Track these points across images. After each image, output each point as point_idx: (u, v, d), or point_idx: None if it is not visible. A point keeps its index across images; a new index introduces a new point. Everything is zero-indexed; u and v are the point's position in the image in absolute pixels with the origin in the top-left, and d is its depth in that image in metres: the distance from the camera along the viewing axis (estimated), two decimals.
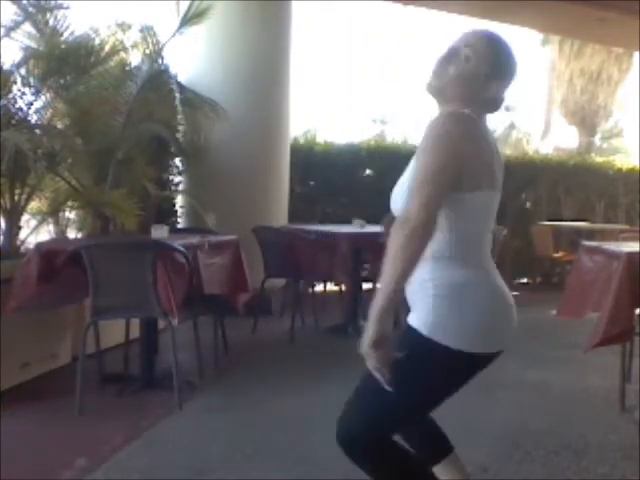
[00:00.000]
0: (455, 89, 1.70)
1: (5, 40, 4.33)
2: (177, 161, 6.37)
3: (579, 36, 12.79)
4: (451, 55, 1.70)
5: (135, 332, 3.95)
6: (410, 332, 1.70)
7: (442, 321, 1.66)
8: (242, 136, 6.02)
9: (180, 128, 5.80)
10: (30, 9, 4.45)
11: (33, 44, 4.52)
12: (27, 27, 4.51)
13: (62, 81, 4.56)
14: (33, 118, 4.45)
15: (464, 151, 1.59)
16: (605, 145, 25.07)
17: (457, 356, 1.66)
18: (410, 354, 1.67)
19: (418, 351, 1.69)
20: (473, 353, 1.68)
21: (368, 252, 5.11)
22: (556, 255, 8.01)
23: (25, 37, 4.51)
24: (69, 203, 4.93)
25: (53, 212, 4.94)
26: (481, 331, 1.69)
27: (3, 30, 4.29)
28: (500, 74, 1.72)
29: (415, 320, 1.71)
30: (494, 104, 1.74)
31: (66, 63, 4.51)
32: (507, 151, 14.75)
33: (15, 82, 4.29)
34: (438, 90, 1.72)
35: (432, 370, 1.70)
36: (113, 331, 4.16)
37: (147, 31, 5.17)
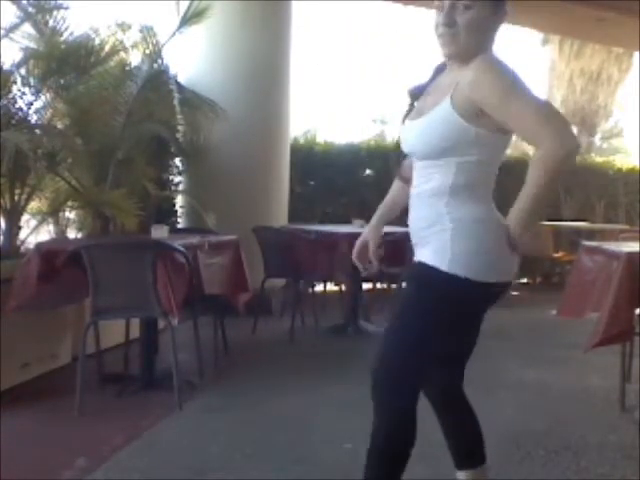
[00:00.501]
0: (472, 42, 1.70)
1: (5, 40, 4.33)
2: (177, 161, 6.36)
3: (579, 36, 12.78)
4: (450, 13, 1.70)
5: (135, 332, 3.95)
6: (427, 270, 1.74)
7: (461, 254, 1.71)
8: (242, 136, 6.02)
9: (180, 128, 5.80)
10: (30, 9, 4.45)
11: (33, 44, 4.52)
12: (27, 27, 4.51)
13: (62, 81, 4.55)
14: (33, 118, 4.44)
15: None
16: (605, 145, 25.04)
17: (478, 286, 1.71)
18: (431, 292, 1.74)
19: (439, 288, 1.74)
20: (492, 282, 1.74)
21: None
22: (556, 255, 8.00)
23: (25, 37, 4.50)
24: (69, 203, 4.93)
25: (53, 212, 4.93)
26: (499, 260, 1.75)
27: (3, 30, 4.28)
28: (499, 4, 1.75)
29: (430, 257, 1.75)
30: (497, 33, 1.79)
31: (66, 63, 4.50)
32: (507, 151, 14.69)
33: (15, 82, 4.29)
34: (458, 52, 1.73)
35: (455, 304, 1.74)
36: (113, 331, 4.16)
37: (147, 31, 5.16)
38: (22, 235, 4.43)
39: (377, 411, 1.80)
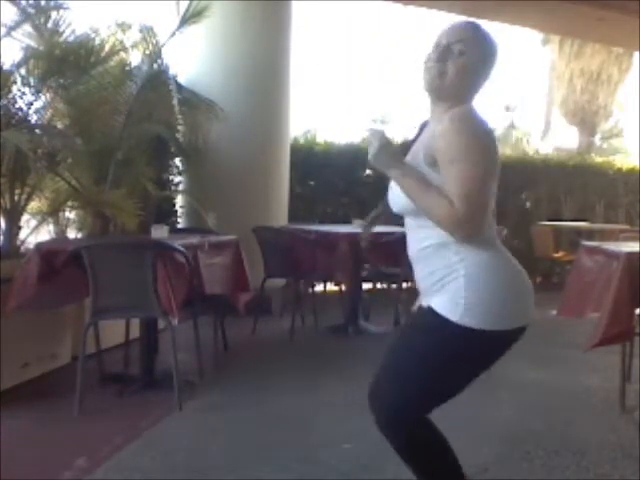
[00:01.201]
0: (456, 84, 1.75)
1: (5, 40, 4.33)
2: (177, 161, 6.37)
3: (579, 36, 12.79)
4: (444, 53, 1.74)
5: (135, 332, 3.96)
6: (437, 319, 1.73)
7: (472, 304, 1.69)
8: (242, 136, 6.02)
9: (180, 128, 5.79)
10: (30, 10, 4.44)
11: (33, 43, 4.52)
12: (27, 27, 4.51)
13: (62, 81, 4.55)
14: (33, 118, 4.44)
15: (495, 144, 1.71)
16: (605, 145, 25.06)
17: (489, 335, 1.70)
18: (440, 341, 1.74)
19: (448, 338, 1.73)
20: (507, 330, 1.73)
21: (368, 252, 5.11)
22: (556, 255, 8.00)
23: (25, 37, 4.50)
24: (69, 203, 4.92)
25: (53, 212, 4.93)
26: (514, 307, 1.75)
27: (3, 30, 4.28)
28: (491, 60, 1.80)
29: (442, 307, 1.74)
30: (480, 89, 1.82)
31: (66, 63, 4.50)
32: (507, 151, 14.73)
33: (15, 82, 4.29)
34: (441, 88, 1.76)
35: (464, 353, 1.74)
36: (113, 331, 4.16)
37: (147, 31, 5.16)
38: (22, 235, 4.43)
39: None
